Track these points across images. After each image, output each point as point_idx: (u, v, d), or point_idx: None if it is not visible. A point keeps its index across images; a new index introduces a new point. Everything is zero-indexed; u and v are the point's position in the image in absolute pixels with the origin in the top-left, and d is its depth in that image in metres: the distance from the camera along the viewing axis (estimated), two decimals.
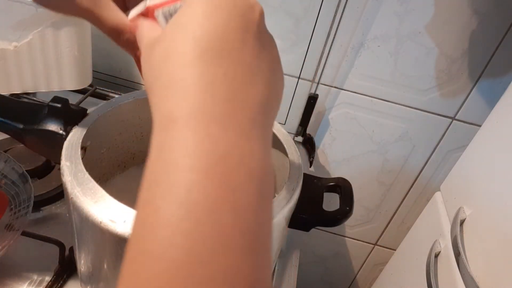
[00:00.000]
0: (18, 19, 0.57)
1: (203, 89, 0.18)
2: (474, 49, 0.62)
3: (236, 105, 0.18)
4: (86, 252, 0.36)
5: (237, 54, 0.19)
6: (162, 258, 0.15)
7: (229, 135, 0.17)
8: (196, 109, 0.17)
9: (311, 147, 0.75)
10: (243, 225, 0.16)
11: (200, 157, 0.16)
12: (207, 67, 0.18)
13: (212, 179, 0.16)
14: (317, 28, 0.65)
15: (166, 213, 0.15)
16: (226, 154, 0.16)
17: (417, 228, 0.67)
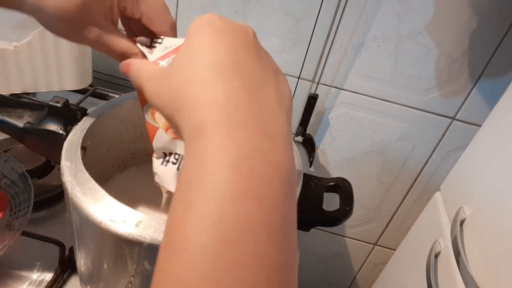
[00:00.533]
0: (18, 19, 0.57)
1: (225, 102, 0.20)
2: (474, 49, 0.62)
3: (254, 110, 0.21)
4: (86, 252, 0.36)
5: (246, 69, 0.22)
6: (195, 245, 0.17)
7: (251, 136, 0.19)
8: (220, 118, 0.20)
9: (311, 147, 0.75)
10: (268, 213, 0.18)
11: (227, 158, 0.18)
12: (225, 85, 0.21)
13: (238, 176, 0.18)
14: (317, 28, 0.65)
15: (198, 206, 0.18)
16: (250, 153, 0.19)
17: (417, 228, 0.67)
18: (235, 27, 0.24)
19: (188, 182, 0.19)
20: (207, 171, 0.18)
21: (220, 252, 0.16)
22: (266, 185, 0.18)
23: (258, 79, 0.22)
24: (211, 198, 0.18)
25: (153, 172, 0.33)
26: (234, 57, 0.22)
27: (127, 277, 0.35)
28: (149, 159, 0.56)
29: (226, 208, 0.17)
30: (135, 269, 0.34)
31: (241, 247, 0.17)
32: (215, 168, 0.18)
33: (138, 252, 0.32)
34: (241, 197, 0.17)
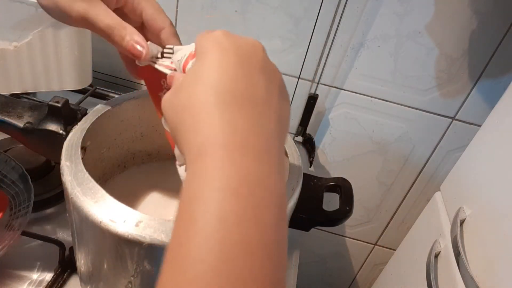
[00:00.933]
0: (18, 19, 0.57)
1: (224, 126, 0.21)
2: (474, 49, 0.62)
3: (253, 136, 0.21)
4: (86, 252, 0.36)
5: (249, 93, 0.23)
6: (199, 260, 0.18)
7: (249, 161, 0.20)
8: (220, 143, 0.21)
9: (311, 147, 0.75)
10: (265, 234, 0.19)
11: (226, 180, 0.19)
12: (225, 109, 0.22)
13: (239, 198, 0.19)
14: (317, 28, 0.65)
15: (201, 225, 0.18)
16: (247, 176, 0.20)
17: (417, 228, 0.67)
18: (244, 46, 0.25)
19: (190, 201, 0.20)
20: (209, 192, 0.19)
21: (223, 271, 0.17)
22: (264, 207, 0.20)
23: (261, 103, 0.23)
24: (213, 218, 0.18)
25: (180, 179, 0.33)
26: (238, 81, 0.23)
27: (127, 277, 0.35)
28: (149, 159, 0.56)
29: (229, 229, 0.18)
30: (135, 269, 0.34)
31: (242, 267, 0.18)
32: (216, 190, 0.19)
33: (138, 252, 0.32)
34: (243, 220, 0.19)
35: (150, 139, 0.51)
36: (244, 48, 0.25)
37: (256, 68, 0.24)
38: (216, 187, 0.19)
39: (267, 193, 0.20)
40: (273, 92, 0.24)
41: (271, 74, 0.25)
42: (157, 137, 0.50)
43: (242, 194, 0.19)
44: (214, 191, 0.19)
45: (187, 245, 0.18)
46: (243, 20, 0.66)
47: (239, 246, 0.18)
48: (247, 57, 0.24)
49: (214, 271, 0.17)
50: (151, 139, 0.51)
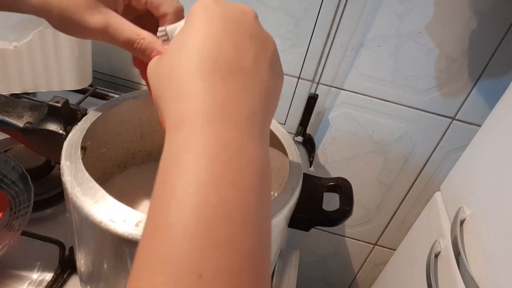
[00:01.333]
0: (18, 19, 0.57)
1: (206, 96, 0.21)
2: (474, 49, 0.62)
3: (234, 106, 0.21)
4: (86, 252, 0.36)
5: (234, 62, 0.22)
6: (177, 225, 0.17)
7: (230, 130, 0.20)
8: (201, 112, 0.20)
9: (311, 147, 0.75)
10: (243, 199, 0.19)
11: (205, 146, 0.19)
12: (207, 78, 0.21)
13: (218, 163, 0.19)
14: (317, 28, 0.65)
15: (180, 189, 0.18)
16: (227, 144, 0.20)
17: (417, 228, 0.67)
18: (233, 12, 0.24)
19: (168, 166, 0.20)
20: (188, 158, 0.19)
21: (200, 233, 0.17)
22: (243, 173, 0.19)
23: (247, 73, 0.22)
24: (192, 182, 0.18)
25: None
26: (224, 49, 0.22)
27: (127, 277, 0.35)
28: (149, 159, 0.56)
29: (207, 192, 0.18)
30: None
31: (220, 229, 0.17)
32: (195, 156, 0.19)
33: None
34: (221, 183, 0.18)
35: (150, 139, 0.51)
36: (233, 15, 0.24)
37: (245, 36, 0.23)
38: (194, 152, 0.19)
39: (247, 160, 0.20)
40: (262, 63, 0.24)
41: (263, 42, 0.24)
42: (157, 137, 0.50)
43: (221, 159, 0.19)
44: (192, 156, 0.19)
45: (164, 209, 0.18)
46: None
47: (216, 210, 0.18)
48: (236, 24, 0.23)
49: (189, 234, 0.17)
50: (151, 139, 0.51)
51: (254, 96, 0.22)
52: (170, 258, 0.17)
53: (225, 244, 0.17)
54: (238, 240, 0.18)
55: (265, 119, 0.23)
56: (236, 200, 0.18)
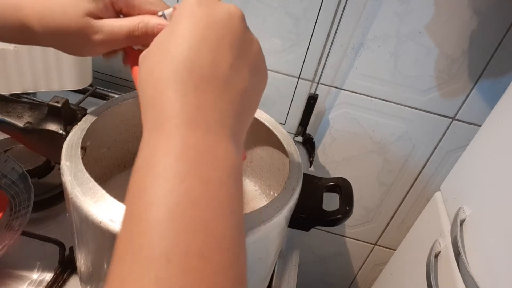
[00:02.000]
0: None
1: (177, 104, 0.22)
2: (474, 49, 0.62)
3: (205, 113, 0.22)
4: (86, 252, 0.36)
5: (209, 70, 0.22)
6: (149, 217, 0.19)
7: (197, 133, 0.21)
8: (171, 118, 0.21)
9: (311, 147, 0.75)
10: (210, 190, 0.20)
11: (174, 147, 0.20)
12: (180, 87, 0.22)
13: (183, 160, 0.20)
14: (317, 28, 0.65)
15: (148, 183, 0.20)
16: (194, 144, 0.21)
17: (417, 228, 0.67)
18: (218, 16, 0.24)
19: (140, 169, 0.21)
20: (157, 159, 0.20)
21: (168, 221, 0.18)
22: (210, 167, 0.20)
23: (220, 81, 0.23)
24: (160, 177, 0.20)
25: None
26: (200, 58, 0.22)
27: None
28: None
29: (173, 183, 0.19)
30: None
31: (188, 219, 0.19)
32: (163, 156, 0.20)
33: None
34: (187, 176, 0.20)
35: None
36: (217, 19, 0.24)
37: (225, 42, 0.23)
38: (163, 153, 0.20)
39: (214, 157, 0.21)
40: (241, 68, 0.24)
41: (245, 46, 0.25)
42: None
43: (187, 157, 0.20)
44: (161, 157, 0.20)
45: (137, 203, 0.20)
46: None
47: (183, 200, 0.19)
48: (218, 29, 0.23)
49: (158, 223, 0.18)
50: None
51: (227, 102, 0.23)
52: (141, 246, 0.18)
53: (193, 229, 0.18)
54: (207, 225, 0.19)
55: (239, 121, 0.24)
56: (202, 190, 0.19)
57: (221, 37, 0.23)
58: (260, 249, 0.38)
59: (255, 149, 0.55)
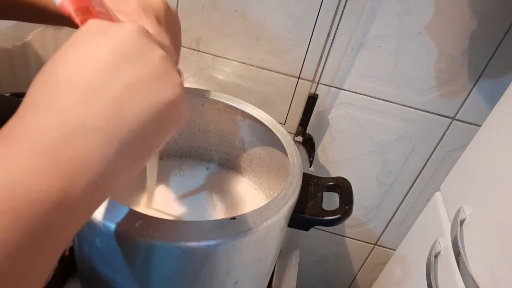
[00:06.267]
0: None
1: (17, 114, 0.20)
2: (474, 49, 0.62)
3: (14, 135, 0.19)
4: (86, 252, 0.36)
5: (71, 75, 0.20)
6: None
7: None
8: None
9: (311, 147, 0.75)
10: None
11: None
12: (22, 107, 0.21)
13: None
14: (317, 28, 0.65)
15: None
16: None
17: (417, 228, 0.67)
18: (111, 42, 0.21)
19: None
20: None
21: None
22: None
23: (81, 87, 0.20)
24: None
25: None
26: (40, 86, 0.21)
27: (127, 277, 0.35)
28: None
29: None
30: (135, 269, 0.34)
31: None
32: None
33: (138, 252, 0.32)
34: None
35: None
36: (109, 47, 0.21)
37: (107, 67, 0.21)
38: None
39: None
40: (118, 75, 0.21)
41: (133, 57, 0.22)
42: None
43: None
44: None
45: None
46: (243, 20, 0.66)
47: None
48: (103, 55, 0.21)
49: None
50: None
51: (45, 121, 0.19)
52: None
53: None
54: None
55: (67, 142, 0.18)
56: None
57: (106, 63, 0.21)
58: (260, 249, 0.38)
59: (255, 149, 0.55)
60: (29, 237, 0.16)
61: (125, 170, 0.21)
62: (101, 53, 0.21)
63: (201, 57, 0.71)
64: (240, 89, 0.74)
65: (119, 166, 0.20)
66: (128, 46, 0.22)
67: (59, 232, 0.18)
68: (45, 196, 0.17)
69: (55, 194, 0.17)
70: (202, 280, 0.36)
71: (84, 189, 0.18)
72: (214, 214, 0.50)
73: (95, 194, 0.19)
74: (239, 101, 0.53)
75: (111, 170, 0.20)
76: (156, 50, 0.23)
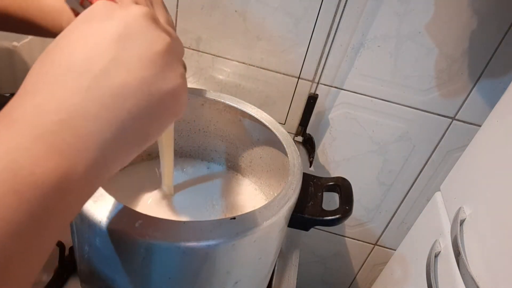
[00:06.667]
0: None
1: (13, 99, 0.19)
2: (474, 49, 0.62)
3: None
4: (86, 252, 0.36)
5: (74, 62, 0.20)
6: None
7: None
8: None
9: (311, 147, 0.75)
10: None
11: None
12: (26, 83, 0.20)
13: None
14: (317, 28, 0.65)
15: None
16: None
17: (417, 228, 0.67)
18: (108, 24, 0.21)
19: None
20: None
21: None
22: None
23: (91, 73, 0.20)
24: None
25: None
26: (36, 74, 0.20)
27: (127, 277, 0.35)
28: (149, 158, 0.56)
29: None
30: (135, 269, 0.34)
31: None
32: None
33: (138, 252, 0.32)
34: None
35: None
36: (107, 24, 0.21)
37: (109, 40, 0.21)
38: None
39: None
40: (124, 63, 0.21)
41: (139, 43, 0.21)
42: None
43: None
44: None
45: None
46: (243, 20, 0.66)
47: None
48: (101, 38, 0.21)
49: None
50: None
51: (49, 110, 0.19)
52: None
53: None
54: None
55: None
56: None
57: (108, 48, 0.20)
58: (260, 249, 0.38)
59: (255, 149, 0.55)
60: (32, 217, 0.16)
61: (124, 154, 0.21)
62: (104, 37, 0.21)
63: (201, 57, 0.71)
64: (240, 89, 0.74)
65: (118, 151, 0.21)
66: (133, 31, 0.21)
67: (60, 212, 0.18)
68: (46, 178, 0.17)
69: (55, 177, 0.17)
70: (202, 280, 0.36)
71: (84, 171, 0.19)
72: (214, 214, 0.50)
73: (94, 176, 0.20)
74: (239, 101, 0.53)
75: (110, 154, 0.20)
76: (161, 38, 0.22)
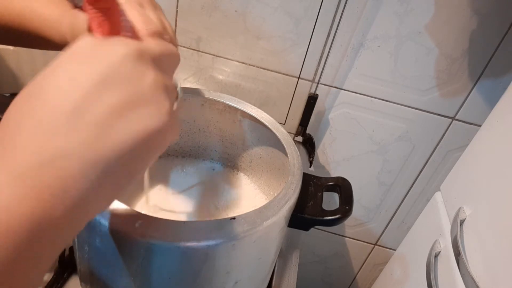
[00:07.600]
0: None
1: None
2: (474, 49, 0.62)
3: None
4: (86, 252, 0.36)
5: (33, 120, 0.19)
6: None
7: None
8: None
9: (311, 147, 0.75)
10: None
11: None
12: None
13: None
14: (317, 28, 0.65)
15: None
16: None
17: (417, 228, 0.67)
18: (95, 67, 0.20)
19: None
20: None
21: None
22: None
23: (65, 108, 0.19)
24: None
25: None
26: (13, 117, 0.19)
27: (127, 277, 0.35)
28: None
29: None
30: (135, 268, 0.34)
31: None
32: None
33: (138, 252, 0.32)
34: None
35: None
36: (92, 68, 0.20)
37: (90, 77, 0.20)
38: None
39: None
40: (101, 99, 0.20)
41: (119, 81, 0.21)
42: None
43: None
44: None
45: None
46: (243, 20, 0.66)
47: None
48: (88, 81, 0.20)
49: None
50: None
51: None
52: None
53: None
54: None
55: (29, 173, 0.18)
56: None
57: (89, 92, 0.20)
58: (260, 249, 0.38)
59: (255, 149, 0.55)
60: (13, 255, 0.17)
61: (107, 193, 0.21)
62: (87, 77, 0.20)
63: (201, 57, 0.71)
64: (240, 89, 0.74)
65: (101, 190, 0.20)
66: (116, 71, 0.21)
67: (41, 249, 0.18)
68: (24, 219, 0.17)
69: (36, 217, 0.17)
70: (202, 280, 0.36)
71: (64, 213, 0.19)
72: (214, 214, 0.50)
73: (76, 217, 0.20)
74: (239, 101, 0.53)
75: (93, 194, 0.20)
76: (147, 76, 0.22)
